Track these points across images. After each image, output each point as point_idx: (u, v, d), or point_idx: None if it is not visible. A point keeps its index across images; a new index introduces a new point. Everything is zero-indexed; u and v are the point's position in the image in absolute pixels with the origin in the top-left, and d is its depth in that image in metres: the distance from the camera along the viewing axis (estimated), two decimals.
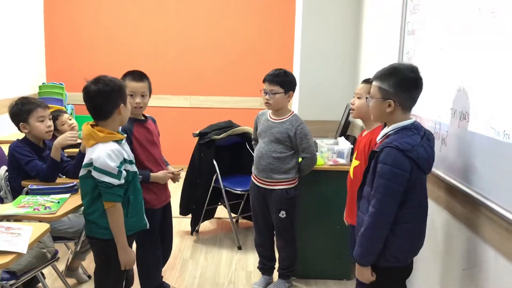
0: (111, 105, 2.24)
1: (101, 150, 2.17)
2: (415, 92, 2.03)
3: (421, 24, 2.69)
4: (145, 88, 2.80)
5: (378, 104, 2.05)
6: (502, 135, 1.77)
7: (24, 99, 3.03)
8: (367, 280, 2.07)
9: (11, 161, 2.94)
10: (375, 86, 2.06)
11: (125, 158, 2.25)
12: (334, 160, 3.31)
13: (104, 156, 2.16)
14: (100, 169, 2.16)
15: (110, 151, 2.18)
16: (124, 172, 2.22)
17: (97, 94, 2.23)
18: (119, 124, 2.33)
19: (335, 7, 4.27)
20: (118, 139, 2.26)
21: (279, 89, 3.02)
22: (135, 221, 2.36)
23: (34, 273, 2.61)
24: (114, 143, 2.23)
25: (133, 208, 2.32)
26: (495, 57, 1.85)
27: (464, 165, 2.09)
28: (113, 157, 2.17)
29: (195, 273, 3.57)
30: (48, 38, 6.13)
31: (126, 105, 2.30)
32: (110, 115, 2.25)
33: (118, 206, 2.22)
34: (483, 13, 1.94)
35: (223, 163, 4.21)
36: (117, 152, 2.20)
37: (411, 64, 2.06)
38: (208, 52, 6.17)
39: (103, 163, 2.16)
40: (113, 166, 2.16)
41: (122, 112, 2.27)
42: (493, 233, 1.84)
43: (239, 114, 5.62)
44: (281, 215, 3.13)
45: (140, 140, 2.79)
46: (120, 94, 2.27)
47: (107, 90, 2.23)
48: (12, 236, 2.01)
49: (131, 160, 2.31)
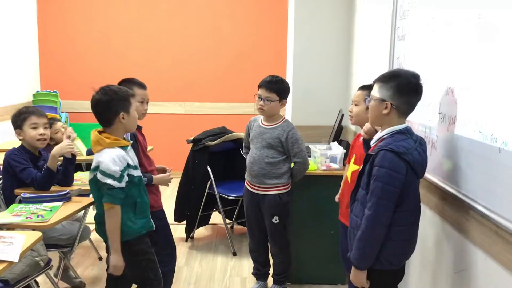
0: (111, 114, 2.35)
1: (107, 155, 2.29)
2: (413, 97, 2.04)
3: (411, 29, 2.72)
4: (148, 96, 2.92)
5: (375, 105, 2.07)
6: (489, 138, 1.79)
7: (24, 107, 3.14)
8: (361, 285, 2.08)
9: (6, 169, 2.96)
10: (376, 88, 2.08)
11: (129, 164, 2.36)
12: (327, 165, 3.33)
13: (109, 160, 2.28)
14: (104, 171, 2.27)
15: (115, 155, 2.30)
16: (126, 176, 2.32)
17: (96, 103, 2.36)
18: (124, 131, 2.43)
19: (327, 13, 4.30)
20: (123, 145, 2.37)
21: (275, 96, 3.03)
22: (145, 222, 2.47)
23: (28, 282, 2.60)
24: (119, 149, 2.34)
25: (140, 210, 2.43)
26: (482, 62, 1.87)
27: (453, 169, 2.11)
28: (117, 162, 2.29)
29: (190, 279, 3.57)
30: (42, 46, 6.14)
31: (129, 113, 2.38)
32: (113, 123, 2.36)
33: (117, 209, 2.32)
34: (470, 18, 1.96)
35: (217, 169, 4.22)
36: (121, 158, 2.32)
37: (414, 71, 2.07)
38: (202, 59, 6.19)
39: (106, 167, 2.27)
40: (115, 169, 2.27)
41: (124, 120, 2.36)
42: (482, 236, 1.86)
43: (233, 120, 5.65)
44: (274, 220, 3.14)
45: (142, 145, 2.86)
46: (120, 103, 2.36)
47: (105, 99, 2.34)
48: (4, 245, 2.01)
49: (135, 165, 2.43)
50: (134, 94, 2.47)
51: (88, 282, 3.42)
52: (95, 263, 3.76)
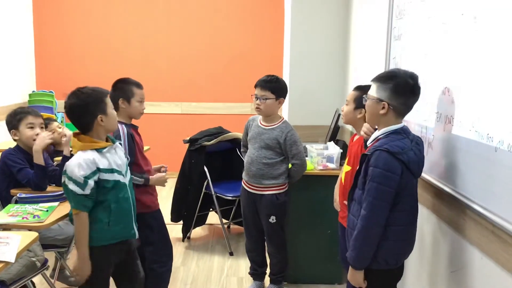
0: (88, 118, 2.22)
1: (75, 158, 2.18)
2: (411, 98, 2.04)
3: (407, 29, 2.72)
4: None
5: (372, 105, 2.08)
6: (486, 138, 1.79)
7: (19, 108, 3.11)
8: (358, 285, 2.08)
9: (2, 169, 2.95)
10: (373, 87, 2.09)
11: (99, 168, 2.20)
12: (324, 164, 3.33)
13: (74, 164, 2.16)
14: (68, 175, 2.16)
15: (82, 159, 2.16)
16: (91, 183, 2.17)
17: (72, 108, 2.23)
18: (105, 132, 2.31)
19: (323, 13, 4.30)
20: (98, 147, 2.23)
21: (270, 94, 3.04)
22: (120, 230, 2.32)
23: (24, 282, 2.59)
24: (92, 152, 2.21)
25: (115, 217, 2.27)
26: (478, 62, 1.88)
27: (450, 169, 2.12)
28: (83, 166, 2.15)
29: (187, 279, 3.57)
30: (38, 46, 6.12)
31: (107, 114, 2.26)
32: (91, 127, 2.24)
33: (82, 215, 2.19)
34: (466, 18, 1.97)
35: (214, 169, 4.21)
36: (89, 162, 2.17)
37: (412, 72, 2.07)
38: (199, 59, 6.18)
39: (71, 171, 2.16)
40: (79, 175, 2.15)
41: (103, 123, 2.25)
42: (479, 235, 1.86)
43: (229, 120, 5.65)
44: (271, 220, 3.14)
45: (139, 145, 2.85)
46: (96, 105, 2.23)
47: (81, 104, 2.22)
48: (0, 245, 2.01)
49: (112, 168, 2.26)
50: (108, 93, 2.35)
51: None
52: None
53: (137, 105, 2.83)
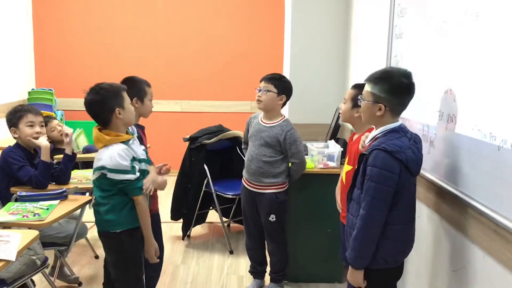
0: (106, 112, 2.30)
1: (112, 152, 2.26)
2: (406, 98, 2.04)
3: (409, 27, 2.72)
4: None
5: (368, 107, 2.07)
6: (488, 136, 1.79)
7: (19, 106, 3.10)
8: (358, 284, 2.08)
9: (3, 167, 2.94)
10: (367, 88, 2.07)
11: (134, 156, 2.33)
12: (324, 163, 3.33)
13: (116, 157, 2.25)
14: (116, 169, 2.26)
15: (120, 151, 2.27)
16: (136, 166, 2.33)
17: (91, 103, 2.31)
18: (124, 126, 2.38)
19: (324, 11, 4.30)
20: (124, 140, 2.33)
21: (273, 88, 3.05)
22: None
23: (24, 281, 2.59)
24: (121, 144, 2.30)
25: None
26: (481, 60, 1.87)
27: (451, 167, 2.11)
28: (124, 156, 2.27)
29: (187, 278, 3.56)
30: (37, 44, 6.10)
31: (124, 108, 2.34)
32: (110, 121, 2.32)
33: (141, 199, 2.33)
34: (468, 16, 1.96)
35: (214, 167, 4.21)
36: (126, 151, 2.29)
37: (405, 69, 2.06)
38: (199, 57, 6.17)
39: (116, 164, 2.25)
40: (125, 164, 2.26)
41: (121, 116, 2.32)
42: (481, 234, 1.86)
43: (229, 118, 5.64)
44: (271, 219, 3.14)
45: (144, 145, 2.83)
46: (114, 99, 2.31)
47: (98, 99, 2.30)
48: (1, 244, 2.00)
49: (140, 158, 2.39)
50: (125, 88, 2.41)
51: (84, 281, 3.40)
52: (92, 262, 3.74)
53: (149, 104, 2.84)
